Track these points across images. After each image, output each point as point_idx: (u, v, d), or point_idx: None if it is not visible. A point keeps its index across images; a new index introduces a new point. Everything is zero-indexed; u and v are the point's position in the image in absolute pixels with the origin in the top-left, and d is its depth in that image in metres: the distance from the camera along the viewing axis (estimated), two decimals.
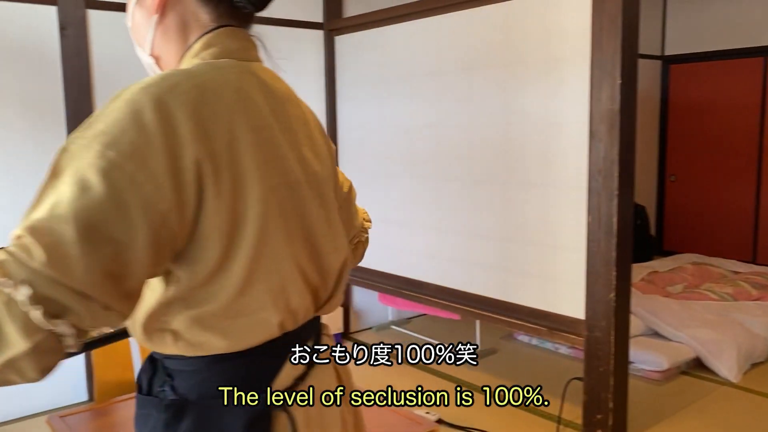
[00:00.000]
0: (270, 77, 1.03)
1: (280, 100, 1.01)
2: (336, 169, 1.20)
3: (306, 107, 1.12)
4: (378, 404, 1.19)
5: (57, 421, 2.32)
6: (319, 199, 1.02)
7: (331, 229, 1.04)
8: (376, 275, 4.28)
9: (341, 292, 1.10)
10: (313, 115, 1.14)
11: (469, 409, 3.40)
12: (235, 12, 1.00)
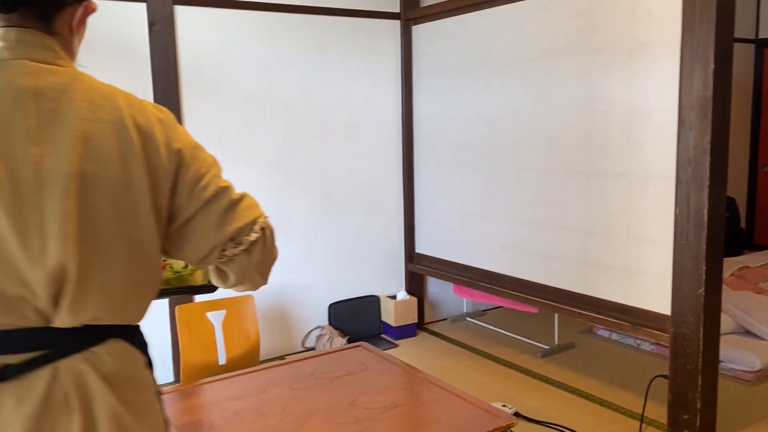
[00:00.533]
0: (23, 74, 0.95)
1: (26, 97, 0.93)
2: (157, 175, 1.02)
3: (90, 103, 0.98)
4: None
5: None
6: (19, 204, 0.90)
7: (38, 231, 0.92)
8: (452, 266, 4.26)
9: (77, 303, 0.96)
10: (110, 112, 0.99)
11: (546, 404, 3.34)
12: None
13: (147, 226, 1.01)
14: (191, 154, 1.06)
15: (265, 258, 1.14)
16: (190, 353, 3.15)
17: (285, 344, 4.14)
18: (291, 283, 4.13)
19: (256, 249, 1.11)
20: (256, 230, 1.10)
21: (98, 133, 0.95)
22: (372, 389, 2.49)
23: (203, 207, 1.06)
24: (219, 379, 2.65)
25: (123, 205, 0.97)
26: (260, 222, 1.12)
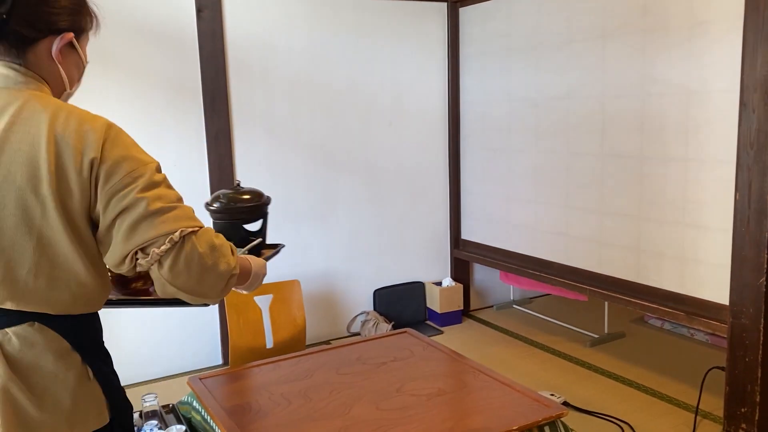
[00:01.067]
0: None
1: None
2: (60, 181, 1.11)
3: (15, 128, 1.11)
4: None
5: (197, 382, 2.48)
6: None
7: None
8: (499, 253, 4.20)
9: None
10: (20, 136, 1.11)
11: (596, 393, 3.27)
12: None
13: (55, 226, 1.11)
14: (114, 164, 1.12)
15: (187, 272, 1.14)
16: (239, 337, 3.19)
17: (330, 329, 4.17)
18: (336, 269, 4.14)
19: (167, 261, 1.13)
20: (167, 242, 1.12)
21: (14, 143, 1.09)
22: (418, 376, 2.47)
23: (118, 216, 1.12)
24: (267, 362, 2.68)
25: (29, 205, 1.09)
26: (176, 234, 1.13)
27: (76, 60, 1.25)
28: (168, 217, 1.14)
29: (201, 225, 1.19)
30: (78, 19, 1.23)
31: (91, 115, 1.16)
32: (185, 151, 3.61)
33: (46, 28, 1.17)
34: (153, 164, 1.19)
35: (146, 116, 3.49)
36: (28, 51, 1.17)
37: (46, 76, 1.20)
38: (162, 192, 1.16)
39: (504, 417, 2.11)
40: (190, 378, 2.53)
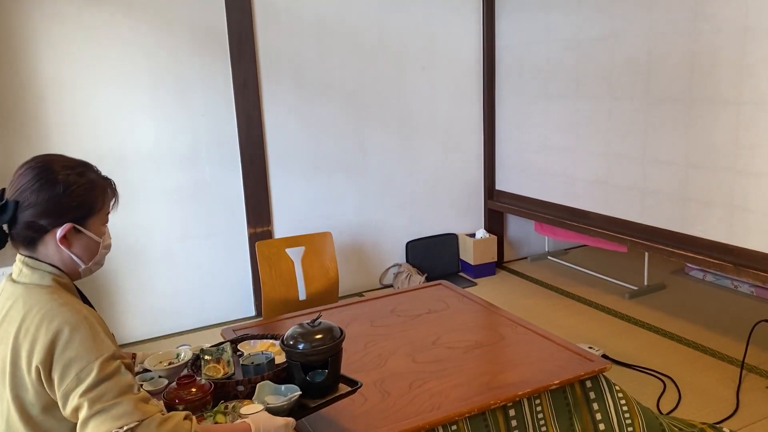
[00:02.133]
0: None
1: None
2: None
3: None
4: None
5: (230, 333, 2.46)
6: None
7: None
8: (534, 204, 4.08)
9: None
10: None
11: (635, 346, 3.18)
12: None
13: (13, 414, 1.33)
14: (62, 368, 1.27)
15: None
16: (271, 289, 3.17)
17: (362, 281, 4.13)
18: (368, 220, 4.07)
19: None
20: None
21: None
22: (454, 328, 2.41)
23: (72, 414, 1.27)
24: (300, 314, 2.65)
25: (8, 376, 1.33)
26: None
27: (85, 242, 1.42)
28: (105, 417, 1.25)
29: (139, 419, 1.26)
30: (81, 208, 1.39)
31: (53, 317, 1.30)
32: (212, 101, 3.53)
33: (47, 225, 1.36)
34: (100, 359, 1.28)
35: (173, 67, 3.40)
36: (37, 244, 1.38)
37: (57, 261, 1.39)
38: (106, 389, 1.26)
39: (543, 371, 2.04)
40: (223, 329, 2.51)
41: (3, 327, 1.34)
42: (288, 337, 1.66)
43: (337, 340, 1.65)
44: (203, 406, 1.60)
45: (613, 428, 2.08)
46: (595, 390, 2.09)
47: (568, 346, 2.21)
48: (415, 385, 1.99)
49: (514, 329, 2.38)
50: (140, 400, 1.29)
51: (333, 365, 1.67)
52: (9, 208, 1.34)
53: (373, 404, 1.87)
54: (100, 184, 1.43)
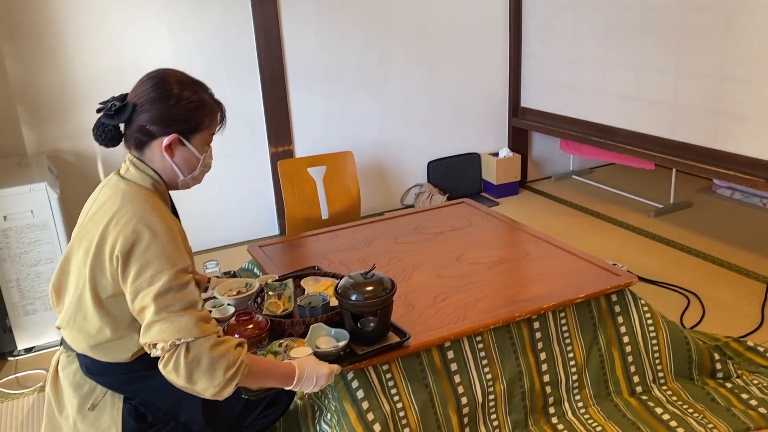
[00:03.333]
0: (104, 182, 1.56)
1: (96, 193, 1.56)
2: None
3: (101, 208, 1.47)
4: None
5: (256, 249, 2.48)
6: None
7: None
8: (559, 120, 3.98)
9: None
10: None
11: (660, 264, 3.17)
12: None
13: (88, 293, 1.44)
14: (138, 267, 1.36)
15: (175, 374, 1.34)
16: (294, 208, 3.18)
17: (383, 202, 4.12)
18: (389, 140, 4.02)
19: (161, 363, 1.35)
20: (160, 349, 1.35)
21: (94, 221, 1.45)
22: (478, 245, 2.41)
23: (139, 312, 1.38)
24: (323, 231, 2.66)
25: (80, 272, 1.45)
26: (168, 344, 1.34)
27: (187, 155, 1.51)
28: (168, 326, 1.34)
29: (197, 336, 1.35)
30: (188, 122, 1.47)
31: (141, 217, 1.39)
32: (231, 15, 3.43)
33: (156, 132, 1.46)
34: (175, 269, 1.37)
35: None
36: (145, 148, 1.49)
37: (159, 167, 1.50)
38: (174, 299, 1.36)
39: (569, 285, 2.04)
40: (249, 246, 2.53)
41: (99, 213, 1.44)
42: (341, 287, 1.69)
43: (387, 293, 1.66)
44: (259, 342, 1.66)
45: (637, 341, 2.09)
46: (621, 304, 2.09)
47: (594, 261, 2.20)
48: (440, 298, 2.00)
49: (538, 245, 2.37)
50: (201, 318, 1.38)
51: (382, 316, 1.68)
52: (128, 109, 1.45)
53: (398, 316, 1.89)
54: (210, 104, 1.51)
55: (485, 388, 1.87)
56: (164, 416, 1.56)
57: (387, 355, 1.70)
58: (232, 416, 1.66)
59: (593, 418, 2.00)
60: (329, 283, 1.96)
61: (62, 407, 1.56)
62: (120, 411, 1.52)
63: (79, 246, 1.45)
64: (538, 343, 1.97)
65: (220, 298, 1.90)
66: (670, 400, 2.06)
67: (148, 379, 1.51)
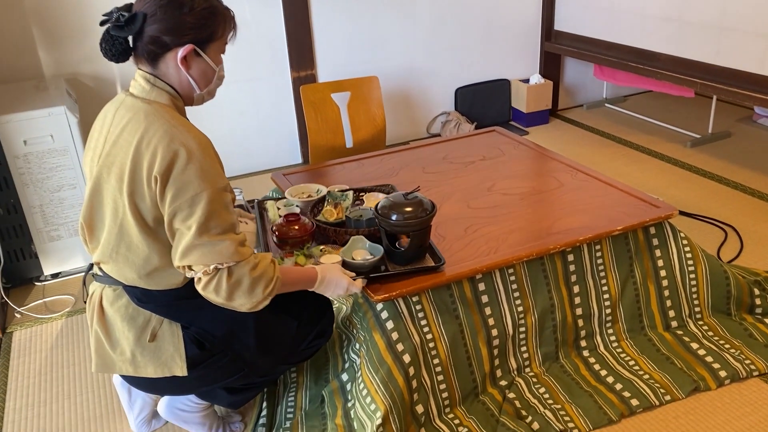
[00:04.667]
0: (116, 101, 1.47)
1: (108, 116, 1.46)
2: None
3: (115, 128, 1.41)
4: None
5: (280, 177, 2.42)
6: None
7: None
8: (593, 44, 3.78)
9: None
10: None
11: (697, 196, 3.05)
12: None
13: (130, 220, 1.38)
14: (176, 188, 1.32)
15: (215, 296, 1.37)
16: (317, 135, 3.09)
17: (408, 130, 4.00)
18: (415, 66, 3.86)
19: (200, 285, 1.37)
20: (201, 273, 1.35)
21: (119, 146, 1.38)
22: (510, 175, 2.32)
23: (177, 233, 1.36)
24: (349, 160, 2.58)
25: (116, 200, 1.40)
26: (210, 268, 1.35)
27: (203, 67, 1.43)
28: (209, 251, 1.34)
29: (237, 260, 1.36)
30: (203, 31, 1.39)
31: (174, 136, 1.33)
32: None
33: (170, 43, 1.37)
34: (213, 188, 1.33)
35: None
36: (159, 62, 1.40)
37: (175, 82, 1.42)
38: (214, 222, 1.34)
39: (606, 217, 1.96)
40: (273, 174, 2.47)
41: (123, 137, 1.37)
42: (381, 205, 1.68)
43: (424, 216, 1.63)
44: (301, 244, 1.76)
45: (675, 275, 2.02)
46: (659, 237, 2.01)
47: (631, 192, 2.10)
48: (471, 230, 1.93)
49: (573, 176, 2.27)
50: (240, 242, 1.38)
51: (417, 238, 1.65)
52: (138, 19, 1.35)
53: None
54: (222, 11, 1.43)
55: (516, 320, 1.83)
56: (221, 344, 1.54)
57: (418, 283, 1.65)
58: (283, 345, 1.65)
59: (626, 351, 1.96)
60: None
61: (115, 342, 1.52)
62: (181, 338, 1.50)
63: (109, 174, 1.38)
64: (571, 276, 1.91)
65: (291, 199, 2.06)
66: (706, 336, 2.00)
67: (203, 305, 1.47)
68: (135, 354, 1.50)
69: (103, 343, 1.53)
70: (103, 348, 1.54)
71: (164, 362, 1.51)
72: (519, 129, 4.09)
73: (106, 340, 1.53)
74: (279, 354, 1.65)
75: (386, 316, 1.67)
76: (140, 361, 1.50)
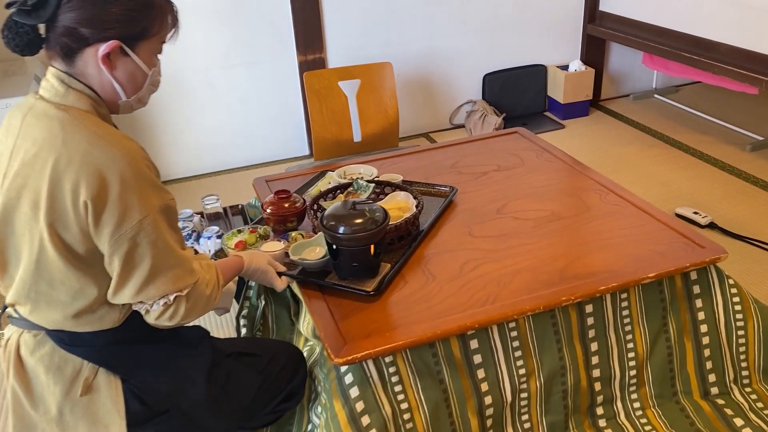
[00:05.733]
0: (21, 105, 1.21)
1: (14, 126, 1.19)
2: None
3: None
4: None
5: (261, 183, 2.12)
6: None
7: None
8: (643, 29, 3.35)
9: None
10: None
11: (753, 213, 2.63)
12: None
13: (51, 255, 1.14)
14: (113, 212, 1.10)
15: (170, 322, 1.21)
16: (322, 127, 2.81)
17: (429, 121, 3.66)
18: (439, 48, 3.48)
19: (152, 316, 1.20)
20: (154, 306, 1.19)
21: (34, 165, 1.12)
22: (527, 192, 1.96)
23: (119, 267, 1.15)
24: (354, 160, 2.25)
25: (32, 230, 1.15)
26: (171, 298, 1.18)
27: (131, 69, 1.19)
28: (166, 281, 1.17)
29: (194, 281, 1.20)
30: (133, 26, 1.15)
31: (102, 151, 1.10)
32: None
33: (90, 37, 1.13)
34: (158, 209, 1.14)
35: None
36: (75, 58, 1.15)
37: (96, 84, 1.18)
38: (166, 248, 1.16)
39: (636, 257, 1.60)
40: (254, 180, 2.18)
41: (36, 153, 1.13)
42: (325, 213, 1.54)
43: (362, 232, 1.47)
44: (285, 222, 1.72)
45: (719, 331, 1.65)
46: (701, 283, 1.65)
47: (672, 224, 1.73)
48: (468, 267, 1.60)
49: (603, 197, 1.90)
50: (191, 258, 1.23)
51: (351, 256, 1.49)
52: (49, 5, 1.10)
53: (412, 289, 1.52)
54: (159, 3, 1.19)
55: (516, 385, 1.50)
56: (166, 401, 1.31)
57: (391, 341, 1.35)
58: (240, 406, 1.42)
59: (651, 423, 1.62)
60: (402, 204, 1.77)
61: (38, 399, 1.27)
62: (120, 391, 1.27)
63: (20, 199, 1.14)
64: (589, 330, 1.57)
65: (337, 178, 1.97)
66: (754, 407, 1.64)
67: (145, 350, 1.29)
68: (63, 411, 1.25)
69: (22, 401, 1.27)
70: (22, 407, 1.28)
71: (99, 420, 1.25)
72: (554, 122, 3.70)
73: (26, 398, 1.27)
74: (235, 416, 1.41)
75: (350, 380, 1.37)
76: (69, 421, 1.25)
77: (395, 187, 1.87)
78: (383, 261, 1.59)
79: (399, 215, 1.72)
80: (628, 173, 3.00)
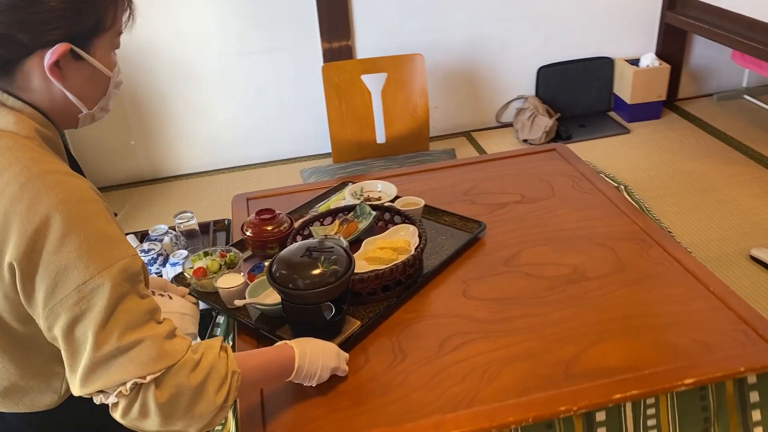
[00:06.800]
0: None
1: None
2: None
3: None
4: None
5: (241, 202, 1.84)
6: None
7: None
8: (735, 21, 2.88)
9: None
10: None
11: None
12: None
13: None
14: (50, 277, 0.88)
15: (143, 421, 0.94)
16: (340, 126, 2.54)
17: (473, 118, 3.36)
18: (485, 36, 3.15)
19: (117, 412, 0.94)
20: (114, 395, 0.92)
21: None
22: (549, 236, 1.59)
23: (63, 348, 0.93)
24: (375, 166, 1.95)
25: None
26: (126, 387, 0.91)
27: (88, 74, 0.98)
28: (121, 363, 0.90)
29: (168, 365, 0.91)
30: (82, 20, 0.92)
31: (37, 193, 0.87)
32: None
33: (29, 43, 0.91)
34: (115, 267, 0.89)
35: None
36: (14, 72, 0.93)
37: (43, 100, 0.96)
38: (121, 318, 0.90)
39: (672, 350, 1.23)
40: (234, 197, 1.90)
41: None
42: (277, 260, 1.29)
43: (304, 290, 1.21)
44: (266, 246, 1.54)
45: None
46: (761, 389, 1.25)
47: (730, 301, 1.32)
48: (450, 344, 1.28)
49: (645, 251, 1.51)
50: (166, 335, 0.94)
51: (296, 314, 1.27)
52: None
53: (373, 372, 1.22)
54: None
55: None
56: None
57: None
58: None
59: None
60: (400, 243, 1.48)
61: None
62: None
63: None
64: None
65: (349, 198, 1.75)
66: None
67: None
68: None
69: None
70: None
71: None
72: (618, 124, 3.28)
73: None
74: None
75: None
76: None
77: (405, 219, 1.58)
78: (354, 316, 1.33)
79: (391, 259, 1.41)
80: (700, 196, 2.55)
